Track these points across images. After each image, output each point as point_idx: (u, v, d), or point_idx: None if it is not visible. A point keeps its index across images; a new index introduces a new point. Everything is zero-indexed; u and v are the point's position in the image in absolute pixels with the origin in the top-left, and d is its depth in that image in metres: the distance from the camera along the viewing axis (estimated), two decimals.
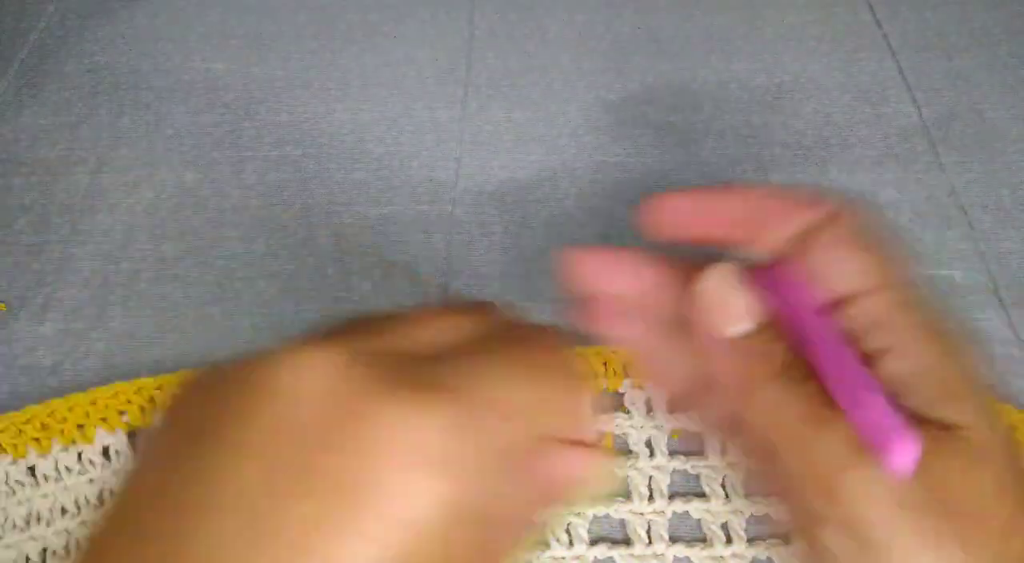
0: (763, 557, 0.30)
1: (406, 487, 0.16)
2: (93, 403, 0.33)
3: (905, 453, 0.18)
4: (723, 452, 0.32)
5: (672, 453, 0.32)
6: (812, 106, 0.45)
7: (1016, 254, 0.38)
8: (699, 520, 0.31)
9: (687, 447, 0.32)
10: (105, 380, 0.35)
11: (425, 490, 0.17)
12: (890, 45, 0.48)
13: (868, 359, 0.22)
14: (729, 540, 0.30)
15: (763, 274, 0.23)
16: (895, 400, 0.20)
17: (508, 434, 0.19)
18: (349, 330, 0.20)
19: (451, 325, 0.21)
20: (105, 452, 0.33)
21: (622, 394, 0.33)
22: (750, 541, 0.30)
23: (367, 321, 0.21)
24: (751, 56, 0.47)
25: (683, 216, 0.24)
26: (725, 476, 0.31)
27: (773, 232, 0.23)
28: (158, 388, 0.33)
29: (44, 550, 0.31)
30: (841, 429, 0.20)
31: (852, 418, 0.20)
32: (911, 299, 0.22)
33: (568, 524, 0.30)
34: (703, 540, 0.30)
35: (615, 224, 0.40)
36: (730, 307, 0.22)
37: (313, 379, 0.17)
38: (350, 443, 0.16)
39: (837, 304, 0.22)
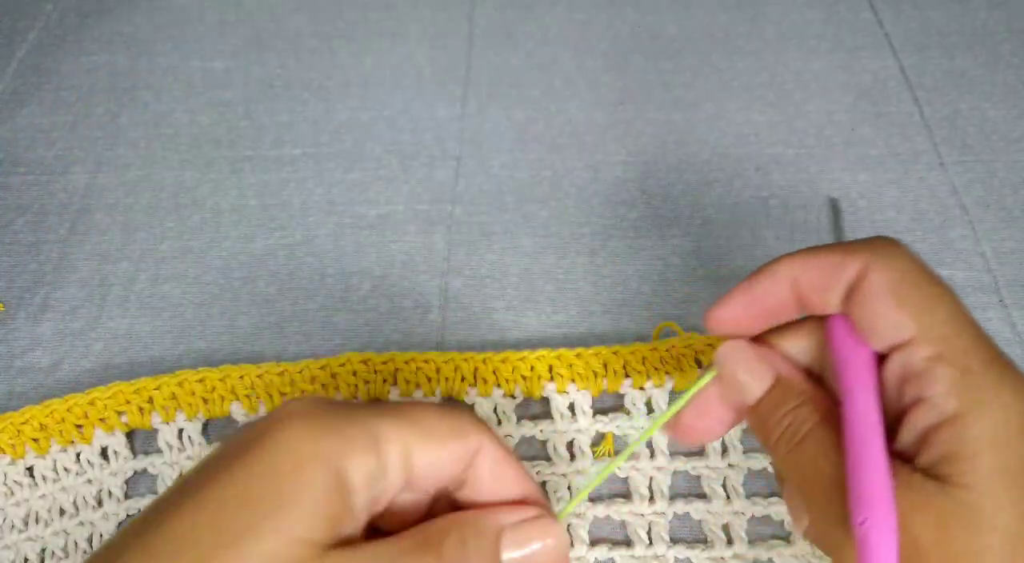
0: (764, 558, 0.30)
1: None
2: (91, 404, 0.32)
3: (883, 542, 0.19)
4: (723, 453, 0.32)
5: (672, 454, 0.32)
6: (814, 105, 0.44)
7: (1018, 254, 0.38)
8: (700, 521, 0.31)
9: (688, 448, 0.32)
10: (103, 380, 0.35)
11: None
12: (892, 44, 0.47)
13: (904, 409, 0.22)
14: (730, 541, 0.30)
15: (831, 325, 0.24)
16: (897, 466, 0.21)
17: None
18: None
19: None
20: (104, 453, 0.33)
21: (623, 395, 0.33)
22: (751, 542, 0.30)
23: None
24: (752, 55, 0.47)
25: (741, 320, 0.25)
26: (726, 477, 0.31)
27: (823, 298, 0.23)
28: (156, 389, 0.33)
29: (43, 551, 0.31)
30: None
31: (850, 477, 0.21)
32: (944, 352, 0.22)
33: (568, 525, 0.30)
34: (704, 541, 0.30)
35: (615, 224, 0.40)
36: (741, 379, 0.24)
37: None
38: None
39: (886, 354, 0.23)
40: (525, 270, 0.38)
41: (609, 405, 0.33)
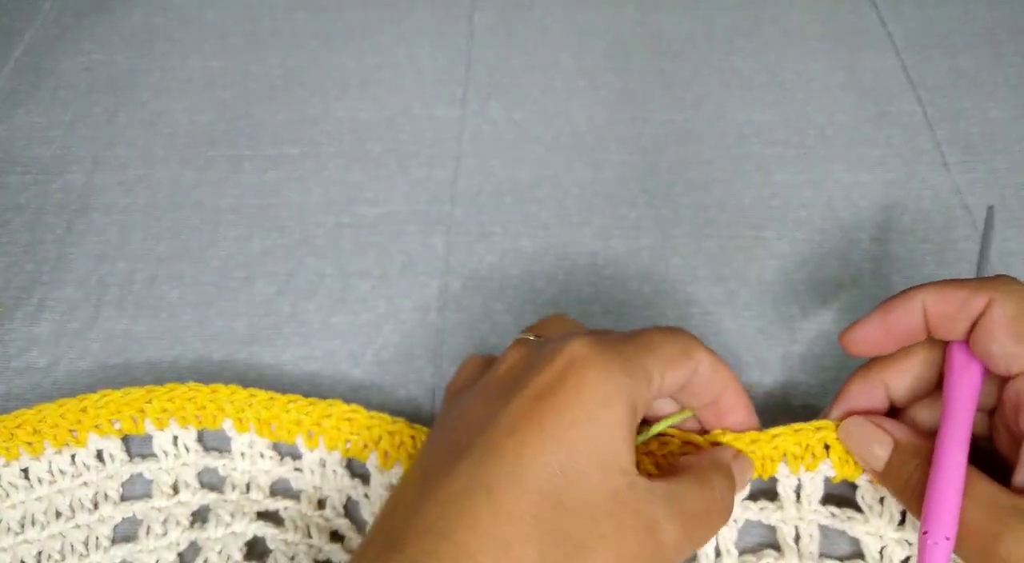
0: None
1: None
2: (83, 410, 0.32)
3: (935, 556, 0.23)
4: (717, 557, 0.30)
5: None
6: (815, 105, 0.44)
7: (1021, 254, 0.38)
8: None
9: None
10: (100, 381, 0.35)
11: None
12: (894, 43, 0.47)
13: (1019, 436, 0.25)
14: None
15: (953, 349, 0.27)
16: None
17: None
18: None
19: None
20: (99, 456, 0.32)
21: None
22: None
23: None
24: (753, 54, 0.47)
25: (876, 340, 0.28)
26: None
27: (951, 328, 0.26)
28: (148, 402, 0.31)
29: (39, 554, 0.31)
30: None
31: (927, 491, 0.24)
32: None
33: None
34: None
35: (615, 224, 0.40)
36: (864, 451, 0.28)
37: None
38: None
39: (1004, 381, 0.26)
40: (525, 271, 0.38)
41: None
